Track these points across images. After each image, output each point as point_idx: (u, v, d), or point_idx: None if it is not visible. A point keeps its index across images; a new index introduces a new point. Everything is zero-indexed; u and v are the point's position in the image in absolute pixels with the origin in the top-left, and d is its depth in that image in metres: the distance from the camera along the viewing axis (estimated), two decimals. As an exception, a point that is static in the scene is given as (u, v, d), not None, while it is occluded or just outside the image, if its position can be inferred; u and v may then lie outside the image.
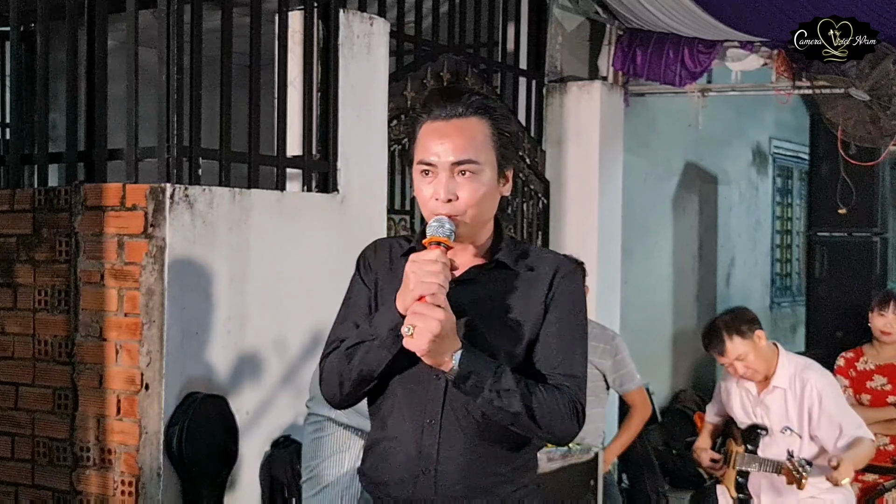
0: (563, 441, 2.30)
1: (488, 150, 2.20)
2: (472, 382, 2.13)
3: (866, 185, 8.19)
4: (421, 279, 2.08)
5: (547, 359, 2.24)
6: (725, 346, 4.06)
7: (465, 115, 2.20)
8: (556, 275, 2.26)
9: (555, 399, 2.18)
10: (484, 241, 2.29)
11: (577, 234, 6.37)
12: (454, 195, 2.17)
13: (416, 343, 2.08)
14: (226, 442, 3.85)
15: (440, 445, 2.24)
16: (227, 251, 3.87)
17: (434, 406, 2.24)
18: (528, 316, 2.24)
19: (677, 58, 6.49)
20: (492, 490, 2.26)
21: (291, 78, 4.31)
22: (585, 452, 4.26)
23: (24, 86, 4.46)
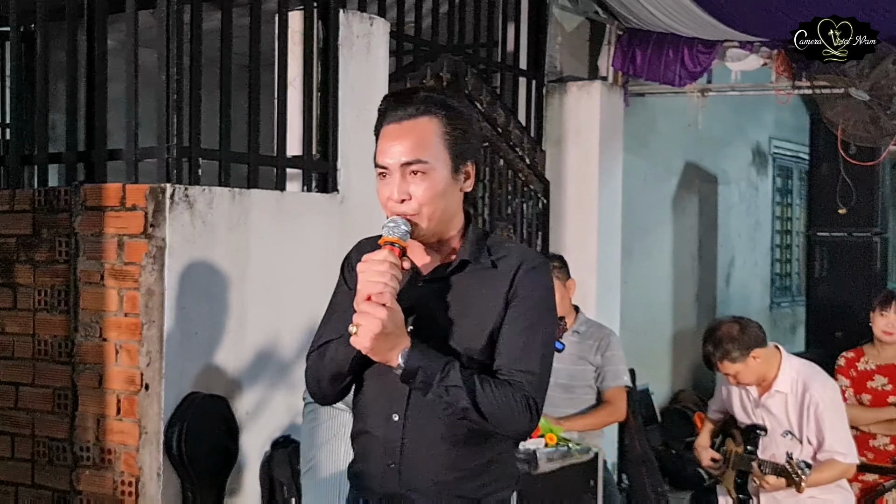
0: (516, 437, 2.33)
1: (439, 149, 2.24)
2: (419, 379, 2.18)
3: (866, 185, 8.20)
4: (368, 279, 2.14)
5: (503, 354, 2.25)
6: (714, 366, 4.14)
7: (416, 115, 2.25)
8: (519, 270, 2.27)
9: (505, 395, 2.20)
10: (452, 238, 2.32)
11: (577, 234, 6.37)
12: (407, 195, 2.22)
13: (359, 341, 2.15)
14: (226, 442, 3.85)
15: (404, 440, 2.29)
16: (227, 251, 3.87)
17: (399, 401, 2.29)
18: (489, 312, 2.26)
19: (677, 58, 6.49)
20: (457, 485, 2.29)
21: (291, 78, 4.31)
22: (585, 452, 4.26)
23: (24, 86, 4.46)
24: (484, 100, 5.67)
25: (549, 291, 2.33)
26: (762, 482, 4.02)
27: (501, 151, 5.85)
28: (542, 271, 2.31)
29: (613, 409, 4.62)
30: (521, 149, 6.00)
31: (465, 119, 2.30)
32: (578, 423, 4.51)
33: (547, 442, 4.09)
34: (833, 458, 4.01)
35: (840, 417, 4.10)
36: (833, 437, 4.01)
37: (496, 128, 5.79)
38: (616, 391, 4.63)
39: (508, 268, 2.28)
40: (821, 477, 3.97)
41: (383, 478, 2.31)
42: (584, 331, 4.68)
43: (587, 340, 4.65)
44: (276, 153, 4.25)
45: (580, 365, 4.61)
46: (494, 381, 2.21)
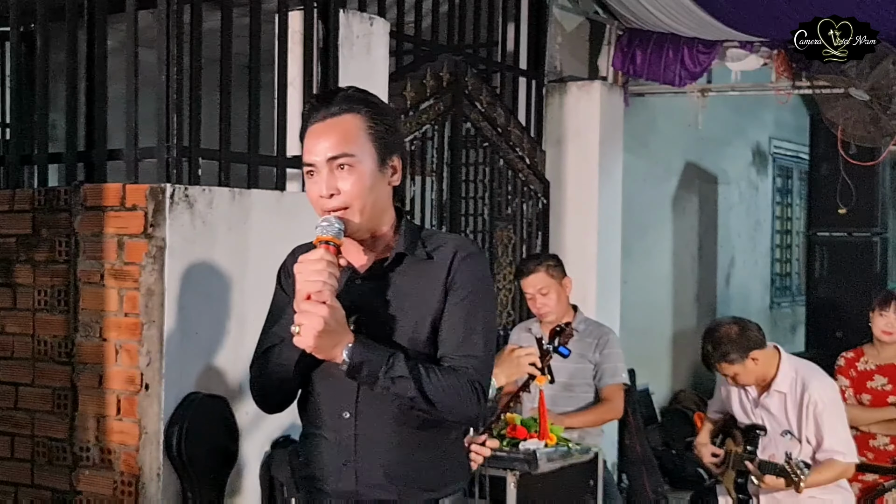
0: (466, 422, 2.35)
1: (364, 143, 2.28)
2: (365, 372, 2.21)
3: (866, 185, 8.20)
4: (306, 278, 2.17)
5: (447, 342, 2.29)
6: (714, 368, 4.14)
7: (339, 113, 2.28)
8: (455, 259, 2.30)
9: (451, 381, 2.23)
10: (386, 233, 2.36)
11: (577, 234, 6.37)
12: (336, 189, 2.25)
13: (303, 340, 2.17)
14: (226, 442, 3.85)
15: (357, 437, 2.32)
16: (227, 251, 3.87)
17: (348, 399, 2.31)
18: (428, 302, 2.30)
19: (677, 58, 6.49)
20: (414, 477, 2.32)
21: (291, 78, 4.31)
22: (585, 452, 4.26)
23: (24, 86, 4.46)
24: (484, 100, 5.67)
25: (486, 278, 2.37)
26: (760, 481, 4.02)
27: (501, 151, 5.85)
28: (477, 258, 2.35)
29: (611, 406, 4.62)
30: (521, 149, 6.01)
31: (387, 114, 2.36)
32: (577, 420, 4.51)
33: (547, 442, 4.09)
34: (832, 457, 4.01)
35: (839, 417, 4.10)
36: (832, 437, 4.01)
37: (496, 128, 5.79)
38: (613, 388, 4.62)
39: (444, 257, 2.31)
40: (820, 477, 3.97)
41: (338, 477, 2.34)
42: (583, 329, 4.68)
43: (586, 339, 4.65)
44: (276, 153, 4.25)
45: (580, 363, 4.61)
46: (440, 369, 2.24)
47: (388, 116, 2.35)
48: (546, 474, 4.01)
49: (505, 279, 5.92)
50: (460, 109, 5.48)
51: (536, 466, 3.94)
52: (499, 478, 3.88)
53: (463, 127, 5.55)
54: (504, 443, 4.06)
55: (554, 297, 4.63)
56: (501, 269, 5.92)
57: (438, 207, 5.42)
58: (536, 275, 4.64)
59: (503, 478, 3.89)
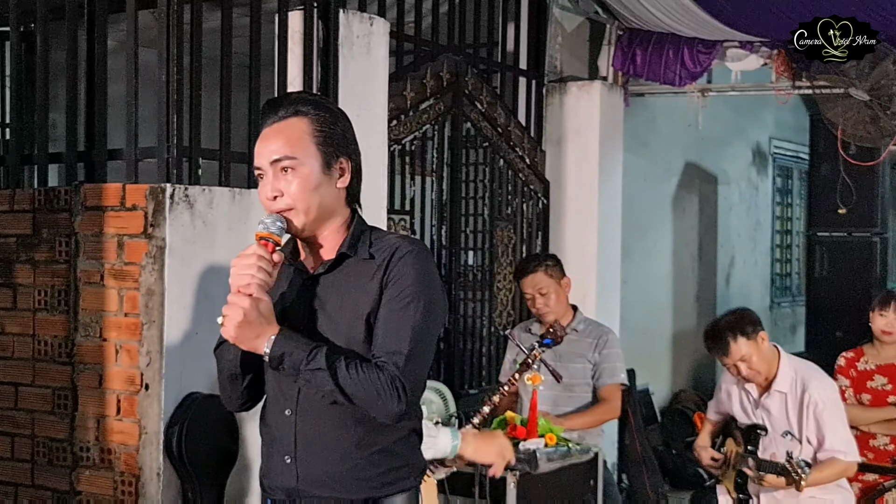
0: (388, 419, 2.31)
1: (308, 145, 2.34)
2: (287, 364, 2.26)
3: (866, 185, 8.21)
4: (237, 272, 2.27)
5: (376, 339, 2.31)
6: (729, 347, 4.06)
7: (285, 117, 2.36)
8: (392, 259, 2.34)
9: (370, 377, 2.25)
10: (337, 235, 2.40)
11: (577, 234, 6.37)
12: (279, 192, 2.33)
13: (225, 331, 2.26)
14: (226, 442, 3.85)
15: (297, 434, 2.36)
16: (227, 251, 3.87)
17: (290, 396, 2.37)
18: (364, 301, 2.33)
19: (677, 58, 6.49)
20: (353, 475, 2.35)
21: (291, 78, 4.31)
22: (585, 452, 4.26)
23: (24, 86, 4.46)
24: (484, 100, 5.67)
25: (422, 275, 2.35)
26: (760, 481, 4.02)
27: (501, 151, 5.85)
28: (414, 256, 2.35)
29: (609, 406, 4.62)
30: (521, 149, 6.01)
31: (334, 117, 2.40)
32: (576, 422, 4.51)
33: (547, 442, 4.09)
34: (834, 456, 4.01)
35: (839, 416, 4.10)
36: (833, 437, 4.01)
37: (496, 128, 5.79)
38: (611, 388, 4.62)
39: (383, 257, 2.35)
40: (822, 476, 3.97)
41: (282, 473, 2.39)
42: (583, 329, 4.69)
43: (585, 339, 4.66)
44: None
45: (579, 363, 4.62)
46: (362, 364, 2.26)
47: (334, 118, 2.40)
48: (546, 474, 4.01)
49: (505, 279, 5.92)
50: (460, 109, 5.48)
51: (536, 466, 3.94)
52: (499, 478, 3.88)
53: (463, 127, 5.55)
54: (504, 443, 4.06)
55: (553, 298, 4.64)
56: (501, 269, 5.92)
57: (438, 207, 5.42)
58: (535, 275, 4.64)
59: (503, 478, 3.88)
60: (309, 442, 2.35)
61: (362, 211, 2.49)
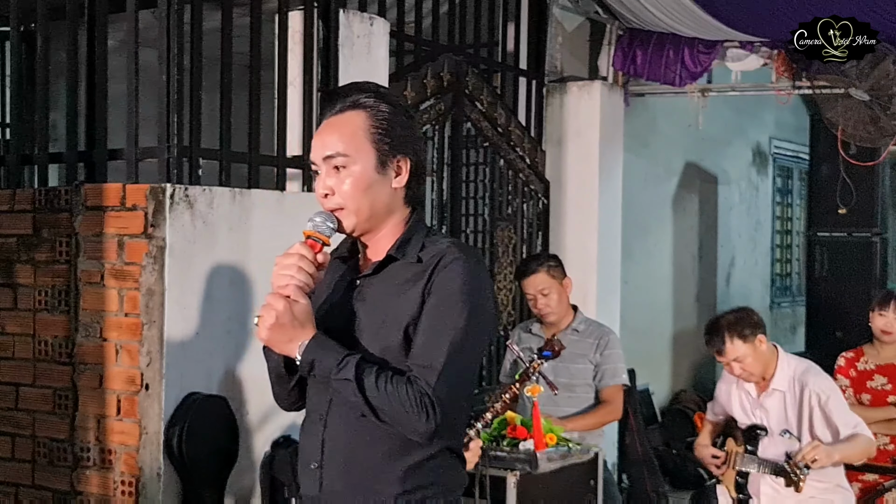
0: (415, 437, 2.17)
1: (361, 142, 2.21)
2: (317, 371, 2.17)
3: (866, 185, 8.20)
4: (278, 272, 2.18)
5: (413, 350, 2.18)
6: (725, 346, 4.07)
7: (343, 110, 2.24)
8: (438, 265, 2.19)
9: (398, 393, 2.12)
10: (394, 235, 2.28)
11: (577, 234, 6.37)
12: (330, 189, 2.22)
13: (259, 332, 2.18)
14: (226, 442, 3.85)
15: (324, 441, 2.27)
16: (227, 251, 3.87)
17: (322, 402, 2.27)
18: (406, 307, 2.20)
19: (677, 58, 6.49)
20: (375, 489, 2.22)
21: (291, 78, 4.31)
22: (585, 452, 4.26)
23: (24, 86, 4.46)
24: (484, 100, 5.67)
25: (469, 284, 2.19)
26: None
27: (502, 151, 5.85)
28: (461, 264, 2.19)
29: (611, 408, 4.62)
30: (522, 149, 6.01)
31: (395, 113, 2.25)
32: (578, 424, 4.51)
33: (547, 442, 4.09)
34: (853, 432, 3.97)
35: (843, 403, 4.11)
36: (842, 422, 3.99)
37: (496, 128, 5.79)
38: (613, 390, 4.62)
39: (430, 262, 2.21)
40: (847, 449, 3.92)
41: (308, 480, 2.31)
42: (584, 329, 4.68)
43: (587, 339, 4.65)
44: (277, 153, 4.25)
45: (580, 364, 4.61)
46: (394, 377, 2.14)
47: (396, 115, 2.25)
48: (546, 474, 4.01)
49: (505, 279, 5.92)
50: (461, 109, 5.48)
51: (536, 466, 3.94)
52: (499, 478, 3.88)
53: (463, 127, 5.55)
54: (504, 443, 4.06)
55: (555, 298, 4.63)
56: (502, 269, 5.92)
57: (439, 207, 5.42)
58: (537, 275, 4.63)
59: (503, 478, 3.89)
60: (335, 451, 2.25)
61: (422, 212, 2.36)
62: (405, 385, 2.13)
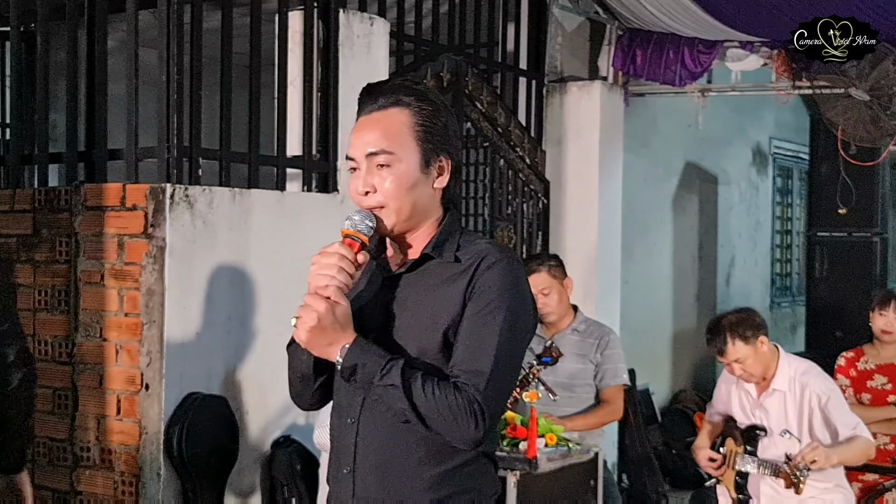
0: (462, 444, 2.12)
1: (407, 140, 2.15)
2: (359, 376, 2.10)
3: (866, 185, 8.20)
4: (317, 271, 2.10)
5: (457, 354, 2.12)
6: (726, 347, 4.06)
7: (385, 107, 2.17)
8: (480, 266, 2.14)
9: (448, 397, 2.07)
10: (428, 234, 2.21)
11: (577, 234, 6.37)
12: (371, 187, 2.15)
13: (297, 334, 2.11)
14: (226, 442, 3.85)
15: (357, 445, 2.20)
16: (227, 251, 3.87)
17: (354, 405, 2.20)
18: (444, 309, 2.14)
19: (677, 58, 6.49)
20: (410, 495, 2.17)
21: (291, 78, 4.31)
22: (585, 452, 4.26)
23: (24, 86, 4.46)
24: (484, 100, 5.67)
25: (511, 287, 2.15)
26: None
27: (502, 151, 5.85)
28: (504, 266, 2.15)
29: (612, 408, 4.62)
30: (522, 149, 6.01)
31: (438, 111, 2.20)
32: (578, 423, 4.51)
33: (547, 442, 4.09)
34: (854, 433, 3.97)
35: (843, 403, 4.10)
36: (841, 423, 3.98)
37: (496, 128, 5.79)
38: (614, 390, 4.62)
39: (469, 264, 2.15)
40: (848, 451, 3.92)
41: (340, 484, 2.24)
42: (584, 329, 4.68)
43: (587, 339, 4.65)
44: (277, 153, 4.25)
45: (580, 364, 4.61)
46: (440, 383, 2.08)
47: (438, 113, 2.20)
48: (546, 474, 4.01)
49: (505, 279, 5.91)
50: (461, 109, 5.47)
51: (536, 466, 3.94)
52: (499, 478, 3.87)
53: (463, 127, 5.55)
54: (504, 443, 4.06)
55: (556, 298, 4.63)
56: (502, 269, 5.91)
57: (438, 207, 5.41)
58: (539, 275, 4.63)
59: (503, 478, 3.88)
60: (368, 455, 2.18)
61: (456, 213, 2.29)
62: (453, 391, 2.08)
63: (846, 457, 3.95)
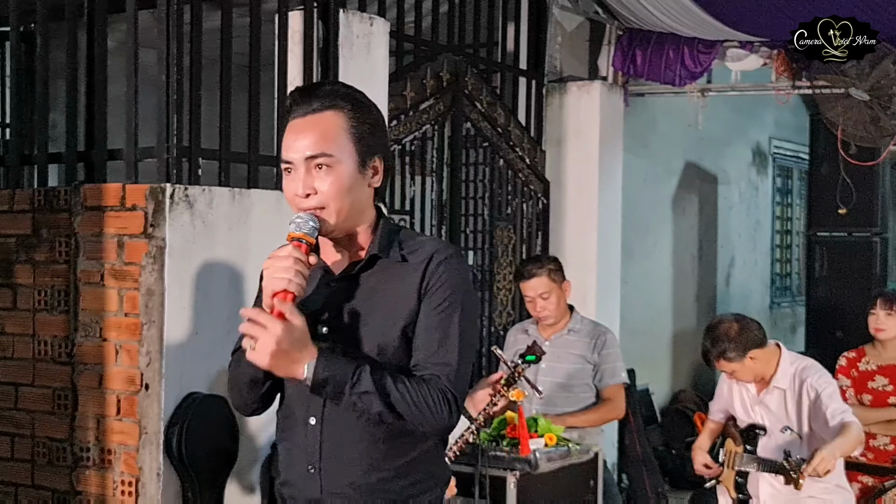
0: (438, 434, 2.28)
1: (345, 142, 2.21)
2: (330, 389, 2.15)
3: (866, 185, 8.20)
4: (273, 275, 2.13)
5: (420, 349, 2.21)
6: (713, 363, 4.13)
7: (320, 109, 2.21)
8: (430, 263, 2.23)
9: (421, 392, 2.17)
10: (363, 234, 2.29)
11: (577, 234, 6.37)
12: (312, 189, 2.19)
13: (257, 358, 2.12)
14: (226, 442, 3.85)
15: (322, 444, 2.26)
16: (227, 251, 3.87)
17: (315, 404, 2.26)
18: (399, 307, 2.22)
19: (677, 58, 6.49)
20: (380, 486, 2.25)
21: (291, 78, 4.31)
22: (585, 452, 4.26)
23: (24, 86, 4.46)
24: (484, 100, 5.67)
25: (462, 281, 2.27)
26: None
27: (501, 151, 5.85)
28: (453, 263, 2.26)
29: (613, 406, 4.63)
30: (521, 149, 6.01)
31: (371, 113, 2.28)
32: (579, 420, 4.52)
33: (547, 442, 4.09)
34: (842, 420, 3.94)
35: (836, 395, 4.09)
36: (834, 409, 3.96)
37: (496, 128, 5.79)
38: (614, 389, 4.63)
39: (419, 261, 2.24)
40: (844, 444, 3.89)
41: (305, 484, 2.29)
42: (580, 329, 4.68)
43: (584, 339, 4.65)
44: (276, 153, 4.25)
45: (578, 364, 4.61)
46: (409, 380, 2.17)
47: (371, 115, 2.27)
48: (546, 474, 4.01)
49: (505, 279, 5.92)
50: (460, 109, 5.48)
51: (536, 466, 3.94)
52: (499, 478, 3.88)
53: (463, 127, 5.55)
54: (504, 443, 4.06)
55: (555, 301, 4.63)
56: (501, 269, 5.92)
57: (438, 207, 5.42)
58: (539, 279, 4.62)
59: (503, 478, 3.89)
60: (334, 452, 2.25)
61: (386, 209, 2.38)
62: (424, 385, 2.18)
63: (846, 448, 3.93)
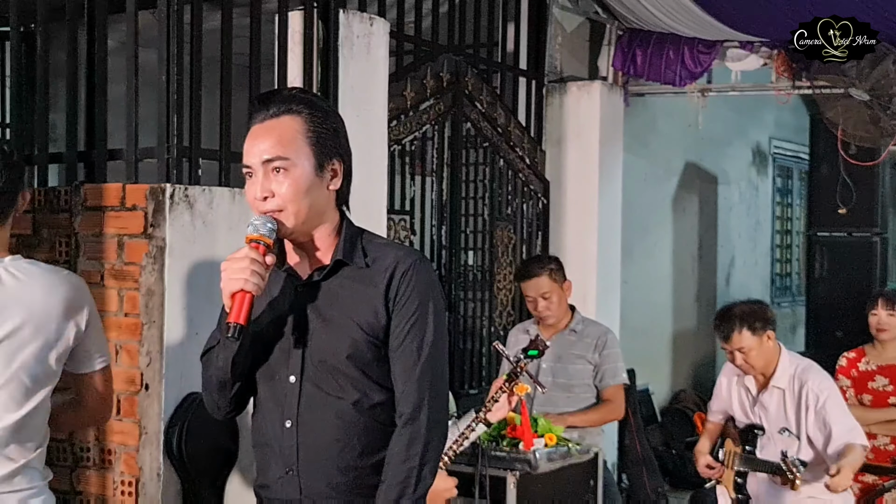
0: None
1: (301, 146, 2.26)
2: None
3: (866, 185, 8.21)
4: (229, 276, 2.19)
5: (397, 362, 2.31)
6: (733, 333, 4.06)
7: (278, 114, 2.27)
8: (396, 270, 2.29)
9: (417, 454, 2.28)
10: (327, 238, 2.33)
11: (577, 234, 6.37)
12: (269, 192, 2.25)
13: None
14: (226, 442, 3.85)
15: (299, 446, 2.30)
16: (227, 251, 3.84)
17: (290, 406, 2.31)
18: (368, 311, 2.28)
19: (677, 58, 6.49)
20: (357, 484, 2.31)
21: (291, 78, 4.31)
22: (585, 452, 4.26)
23: (24, 86, 4.45)
24: (484, 100, 5.67)
25: (430, 285, 2.34)
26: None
27: (501, 151, 5.85)
28: (419, 267, 2.32)
29: (613, 406, 4.63)
30: (521, 149, 6.01)
31: (328, 117, 2.33)
32: (579, 419, 4.52)
33: (547, 442, 4.09)
34: (850, 442, 3.96)
35: (841, 405, 4.10)
36: (840, 425, 3.98)
37: (496, 128, 5.79)
38: (615, 389, 4.63)
39: (382, 267, 2.30)
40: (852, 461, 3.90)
41: (284, 485, 2.33)
42: (581, 329, 4.68)
43: (584, 339, 4.65)
44: (276, 153, 4.25)
45: (578, 364, 4.61)
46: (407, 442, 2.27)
47: (328, 119, 2.32)
48: (546, 474, 4.01)
49: (505, 279, 5.92)
50: (460, 109, 5.48)
51: (536, 466, 3.94)
52: (499, 478, 3.88)
53: (463, 127, 5.55)
54: (504, 443, 4.06)
55: (556, 301, 4.63)
56: (501, 269, 5.92)
57: (438, 207, 5.42)
58: (540, 279, 4.63)
59: (503, 478, 3.89)
60: (311, 454, 2.30)
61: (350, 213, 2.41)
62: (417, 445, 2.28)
63: (856, 466, 3.96)
